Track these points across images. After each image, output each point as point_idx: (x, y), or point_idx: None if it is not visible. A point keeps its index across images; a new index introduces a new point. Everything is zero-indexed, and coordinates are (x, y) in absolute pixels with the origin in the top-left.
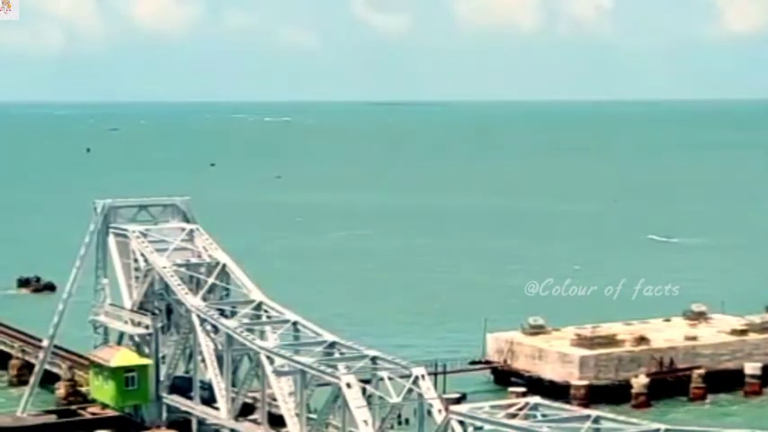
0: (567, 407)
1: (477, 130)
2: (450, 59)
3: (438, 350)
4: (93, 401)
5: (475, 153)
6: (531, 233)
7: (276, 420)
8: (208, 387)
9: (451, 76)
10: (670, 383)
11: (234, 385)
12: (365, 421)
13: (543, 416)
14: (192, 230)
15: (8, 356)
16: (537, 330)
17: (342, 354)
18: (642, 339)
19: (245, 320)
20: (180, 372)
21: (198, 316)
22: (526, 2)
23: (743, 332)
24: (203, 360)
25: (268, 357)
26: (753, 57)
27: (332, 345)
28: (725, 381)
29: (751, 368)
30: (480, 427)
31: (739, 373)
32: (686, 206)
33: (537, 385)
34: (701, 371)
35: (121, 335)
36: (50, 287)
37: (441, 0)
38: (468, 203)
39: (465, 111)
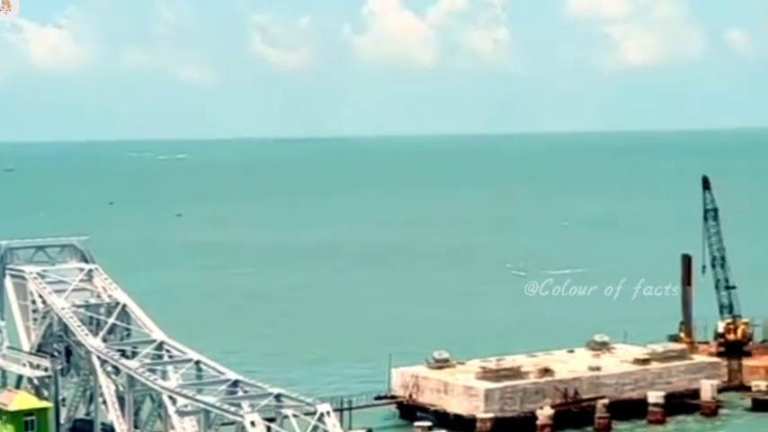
0: None
1: (377, 166)
2: (349, 94)
3: (343, 386)
4: None
5: (374, 188)
6: (433, 266)
7: None
8: (110, 429)
9: (350, 112)
10: (575, 414)
11: (136, 427)
12: None
13: None
14: (90, 270)
15: None
16: (442, 364)
17: (245, 392)
18: (546, 371)
19: (147, 360)
20: (81, 414)
21: (98, 357)
22: (424, 35)
23: (645, 361)
24: (104, 402)
25: (170, 397)
26: (649, 88)
27: (235, 383)
28: (629, 410)
29: (654, 397)
30: None
31: (643, 402)
32: (581, 237)
33: (443, 419)
34: (605, 401)
35: (20, 378)
36: None
37: (338, 35)
38: (369, 238)
39: (364, 146)
